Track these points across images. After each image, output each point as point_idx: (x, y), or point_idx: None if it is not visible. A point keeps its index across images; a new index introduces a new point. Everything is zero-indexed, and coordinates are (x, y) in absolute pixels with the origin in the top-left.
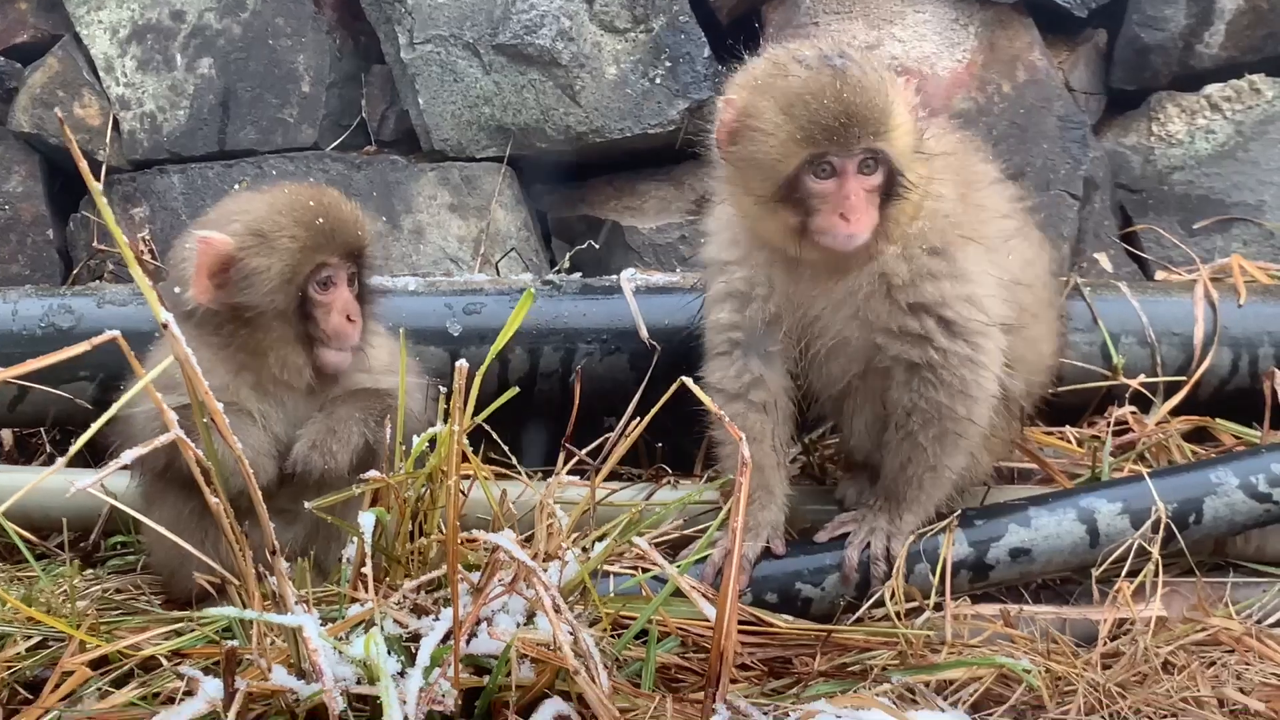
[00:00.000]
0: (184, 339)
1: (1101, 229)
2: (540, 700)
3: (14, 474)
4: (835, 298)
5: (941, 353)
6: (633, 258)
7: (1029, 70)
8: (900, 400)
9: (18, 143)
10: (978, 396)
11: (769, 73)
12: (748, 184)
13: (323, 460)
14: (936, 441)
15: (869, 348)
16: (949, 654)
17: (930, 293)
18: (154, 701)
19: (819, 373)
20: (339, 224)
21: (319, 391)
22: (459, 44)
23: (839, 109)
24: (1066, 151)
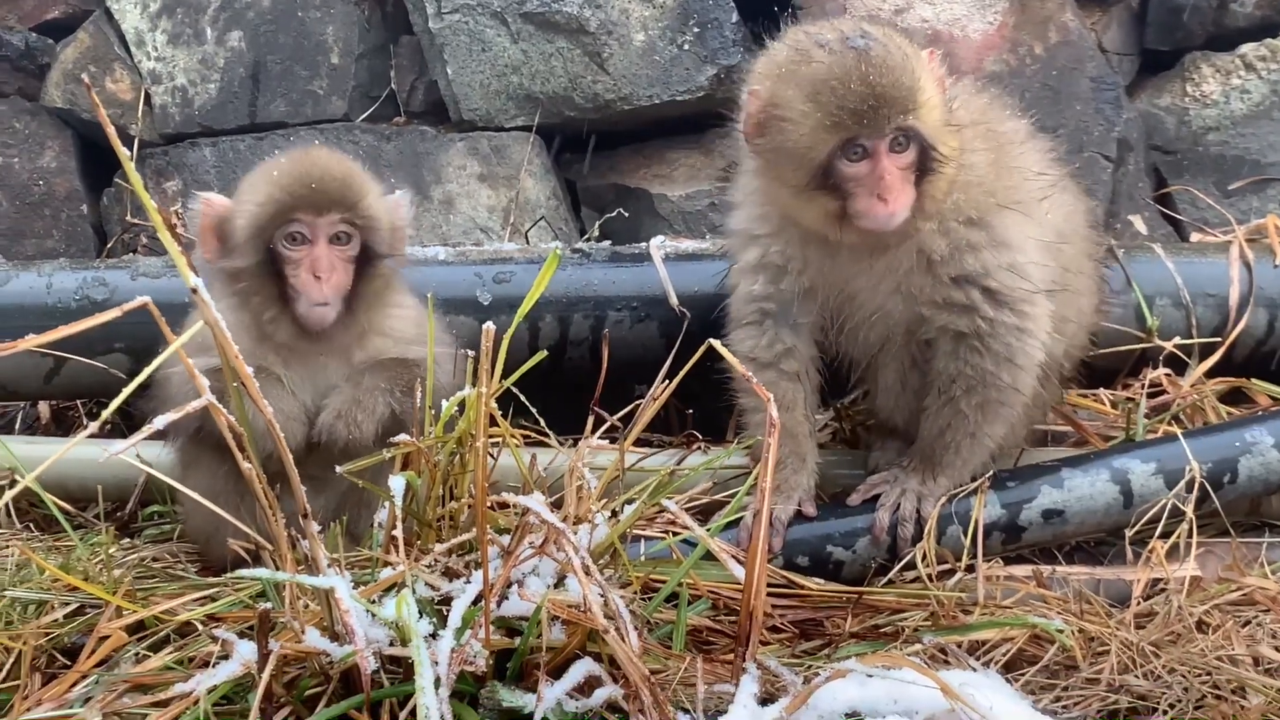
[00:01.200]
0: (214, 305)
1: (1135, 191)
2: (571, 661)
3: (49, 445)
4: (874, 274)
5: (989, 322)
6: (662, 225)
7: (1061, 31)
8: (945, 369)
9: (51, 118)
10: (1024, 365)
11: (790, 60)
12: (780, 174)
13: (347, 430)
14: (979, 409)
15: (911, 319)
16: (981, 614)
17: (972, 264)
18: (190, 665)
19: (854, 343)
20: (312, 182)
21: (339, 358)
22: (487, 13)
23: (866, 91)
24: (1100, 113)
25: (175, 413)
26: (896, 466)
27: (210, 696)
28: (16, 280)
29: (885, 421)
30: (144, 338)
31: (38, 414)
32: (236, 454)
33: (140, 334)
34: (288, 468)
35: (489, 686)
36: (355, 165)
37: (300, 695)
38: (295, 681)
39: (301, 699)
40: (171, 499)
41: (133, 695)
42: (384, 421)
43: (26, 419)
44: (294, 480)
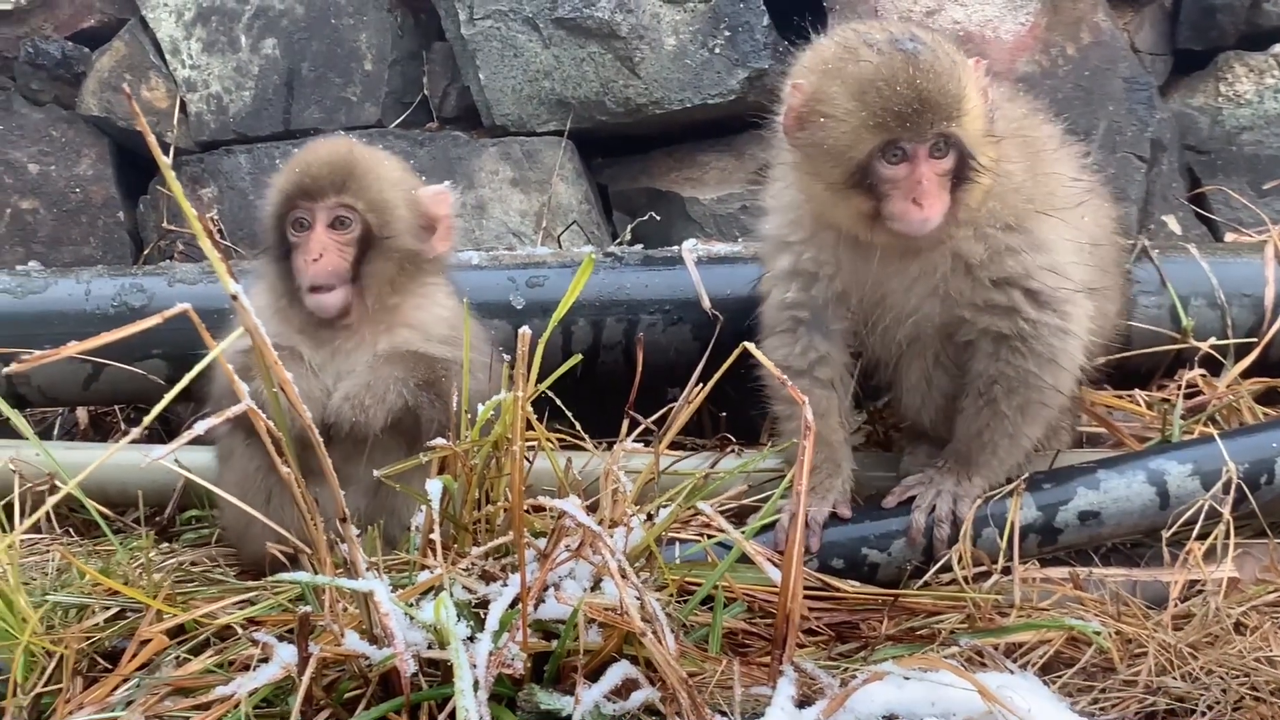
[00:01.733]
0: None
1: (1169, 191)
2: (608, 664)
3: (89, 450)
4: (909, 277)
5: (1031, 323)
6: (694, 228)
7: (1093, 32)
8: (985, 370)
9: (87, 126)
10: (1066, 365)
11: (838, 56)
12: (817, 170)
13: (353, 413)
14: (1020, 410)
15: (948, 321)
16: (1018, 617)
17: (1012, 266)
18: (230, 668)
19: (885, 346)
20: (309, 168)
21: (363, 346)
22: (518, 18)
23: (912, 94)
24: (1133, 113)
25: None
26: (931, 468)
27: (251, 699)
28: (55, 287)
29: (913, 423)
30: (181, 343)
31: (76, 419)
32: (275, 458)
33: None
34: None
35: (526, 689)
36: (365, 152)
37: (339, 698)
38: (334, 684)
39: (341, 702)
40: (209, 503)
41: (174, 698)
42: (395, 412)
43: (65, 424)
44: (333, 484)
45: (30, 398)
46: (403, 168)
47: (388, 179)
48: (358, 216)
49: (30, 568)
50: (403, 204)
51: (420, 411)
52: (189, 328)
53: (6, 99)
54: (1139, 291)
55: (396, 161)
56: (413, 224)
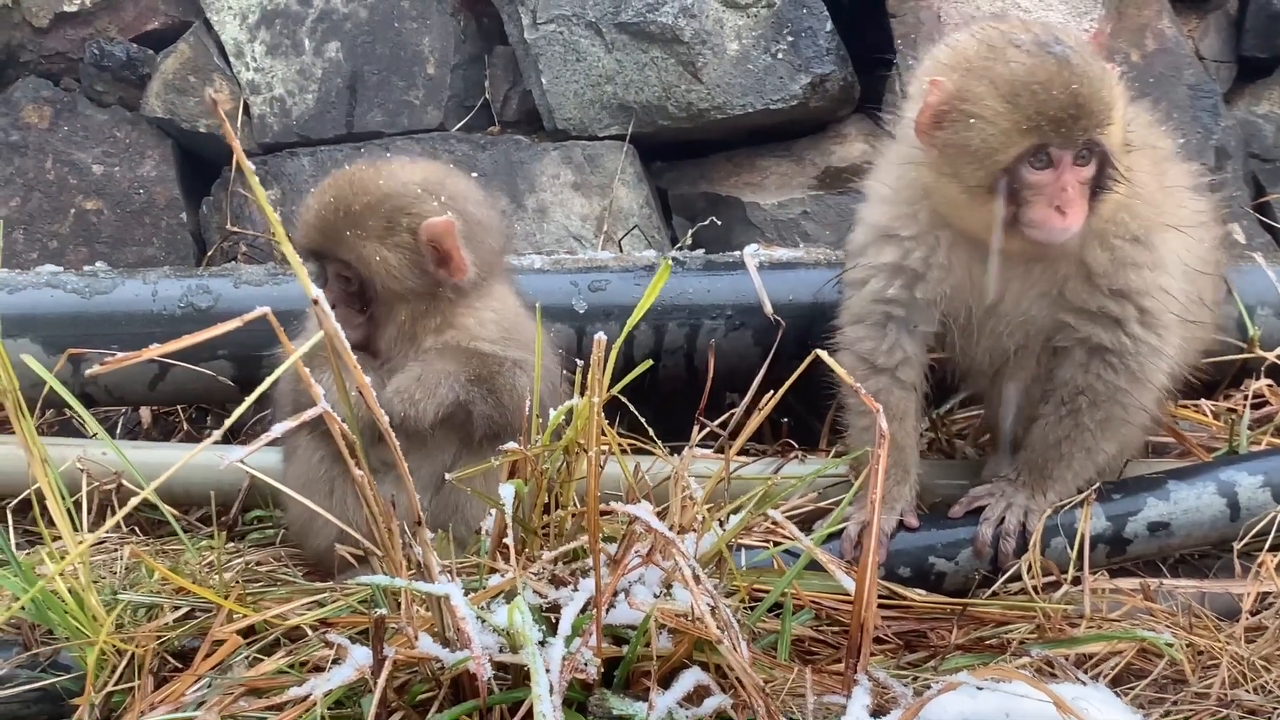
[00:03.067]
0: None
1: (1234, 199)
2: (679, 670)
3: (156, 450)
4: (1029, 281)
5: (1132, 339)
6: (754, 234)
7: (1158, 38)
8: (1073, 379)
9: (151, 128)
10: (1154, 384)
11: (984, 55)
12: (956, 170)
13: (404, 407)
14: (1101, 424)
15: (1051, 326)
16: (1088, 627)
17: (1134, 280)
18: (302, 669)
19: (989, 354)
20: (300, 229)
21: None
22: (581, 23)
23: (1068, 100)
24: (1197, 121)
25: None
26: (1002, 479)
27: (325, 700)
28: (123, 287)
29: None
30: (247, 344)
31: (139, 418)
32: (348, 461)
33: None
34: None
35: (598, 694)
36: (354, 201)
37: (411, 700)
38: (406, 686)
39: (413, 704)
40: (274, 502)
41: (248, 699)
42: (446, 407)
43: (128, 423)
44: (408, 485)
45: (97, 396)
46: (402, 202)
47: (374, 230)
48: (353, 272)
49: (98, 566)
50: (392, 251)
51: (472, 407)
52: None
53: (71, 100)
54: None
55: (395, 194)
56: (413, 264)
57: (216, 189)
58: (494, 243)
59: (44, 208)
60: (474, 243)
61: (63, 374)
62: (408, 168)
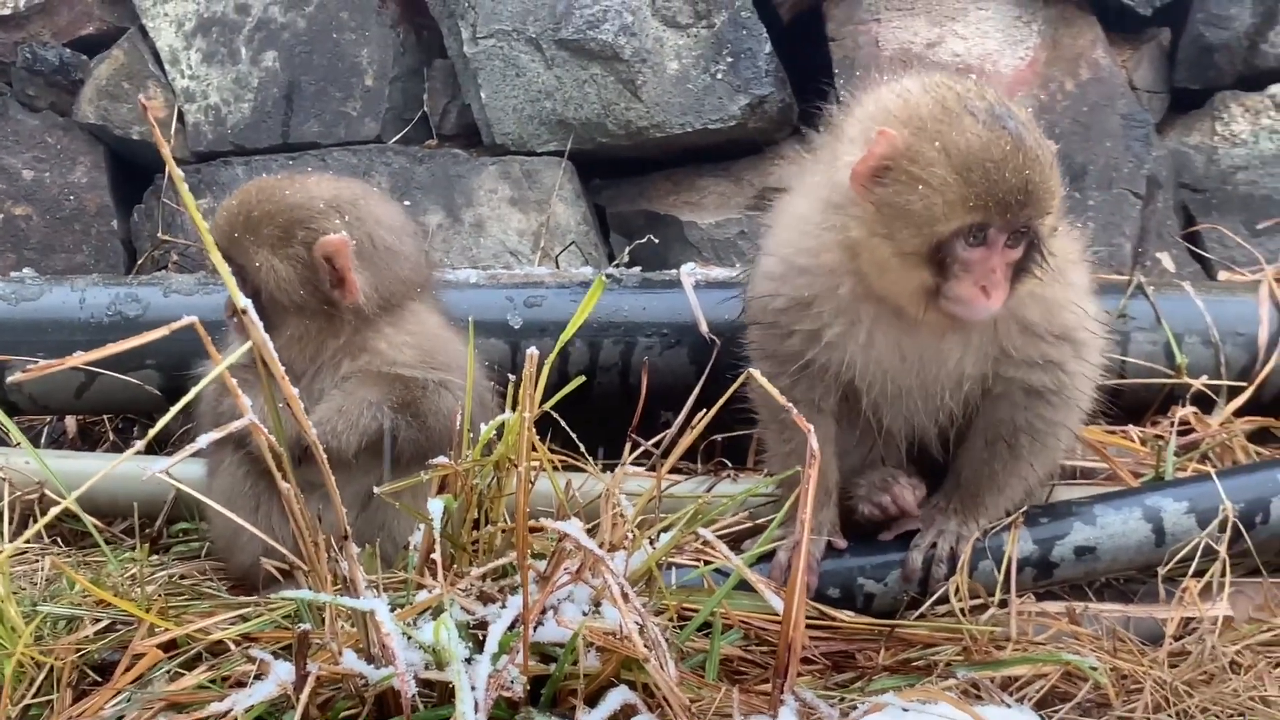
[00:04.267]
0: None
1: (1164, 228)
2: (606, 689)
3: (80, 459)
4: (945, 346)
5: (1069, 375)
6: (691, 253)
7: (1092, 68)
8: (1010, 419)
9: (83, 134)
10: (1087, 409)
11: (937, 117)
12: (891, 232)
13: (325, 438)
14: (1039, 455)
15: (987, 378)
16: (1014, 650)
17: (1069, 319)
18: (224, 684)
19: (900, 402)
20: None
21: (327, 370)
22: (522, 38)
23: (1018, 184)
24: (1129, 150)
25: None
26: (932, 507)
27: (246, 716)
28: (50, 294)
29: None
30: (174, 354)
31: (64, 427)
32: (275, 474)
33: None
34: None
35: (524, 713)
36: (260, 206)
37: (335, 717)
38: (329, 703)
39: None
40: (199, 515)
41: (167, 714)
42: (370, 436)
43: (53, 433)
44: (335, 500)
45: (21, 405)
46: (302, 215)
47: (267, 238)
48: (247, 278)
49: (18, 577)
50: (283, 261)
51: (397, 433)
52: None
53: (2, 104)
54: (1134, 327)
55: (298, 206)
56: (304, 279)
57: (148, 197)
58: (403, 270)
59: None
60: (374, 268)
61: None
62: (322, 184)
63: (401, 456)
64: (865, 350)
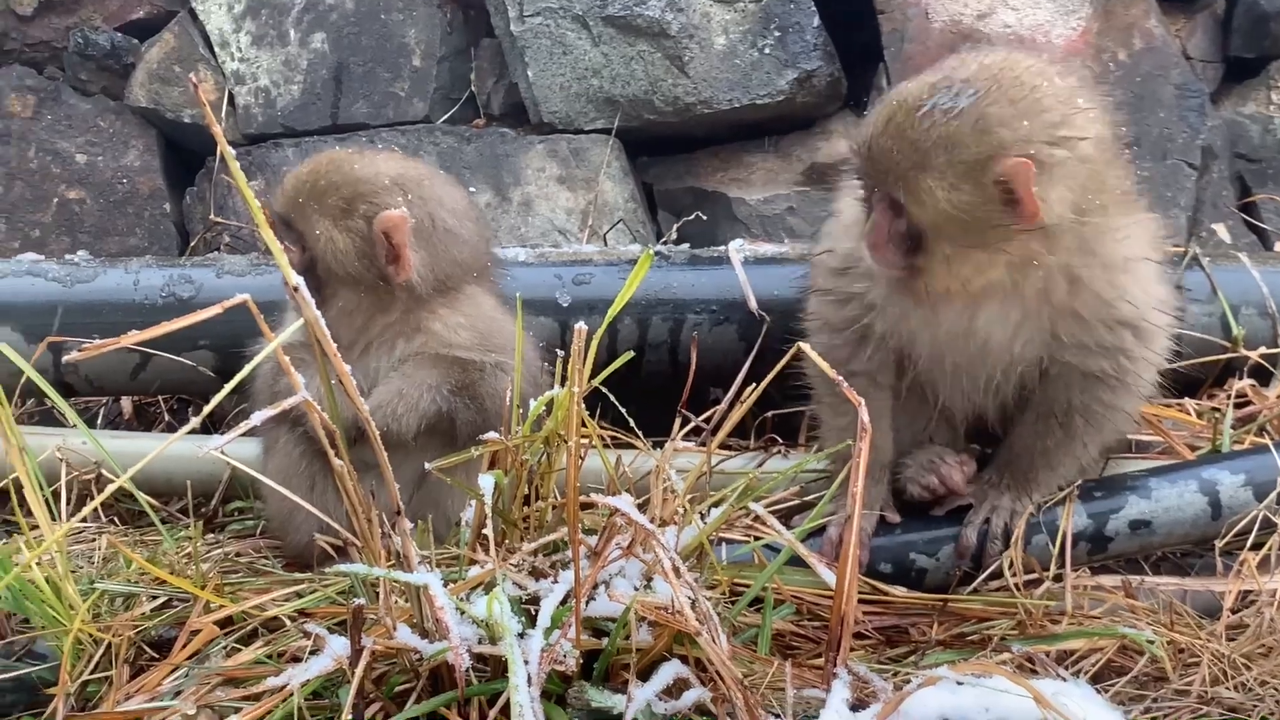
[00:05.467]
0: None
1: (1219, 199)
2: (658, 663)
3: (136, 440)
4: (979, 323)
5: (1131, 359)
6: (739, 229)
7: (1145, 38)
8: (1067, 399)
9: (135, 117)
10: (1145, 393)
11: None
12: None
13: (385, 422)
14: (1093, 435)
15: (1044, 360)
16: (1069, 624)
17: (1126, 310)
18: (279, 660)
19: (954, 378)
20: (278, 191)
21: (384, 350)
22: (568, 16)
23: (875, 146)
24: (1184, 120)
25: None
26: (985, 482)
27: (302, 691)
28: (105, 276)
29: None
30: (227, 334)
31: (120, 408)
32: (328, 451)
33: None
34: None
35: (576, 686)
36: (324, 176)
37: (389, 691)
38: (383, 678)
39: (390, 695)
40: (254, 494)
41: (224, 688)
42: (429, 419)
43: (109, 414)
44: (387, 476)
45: (77, 386)
46: (366, 189)
47: (330, 208)
48: (305, 246)
49: (76, 555)
50: (342, 233)
51: (455, 415)
52: (235, 319)
53: (55, 89)
54: (1190, 299)
55: (363, 180)
56: (361, 253)
57: (200, 179)
58: (461, 254)
59: (26, 197)
60: (431, 248)
61: (42, 363)
62: (391, 161)
63: (459, 438)
64: (909, 318)
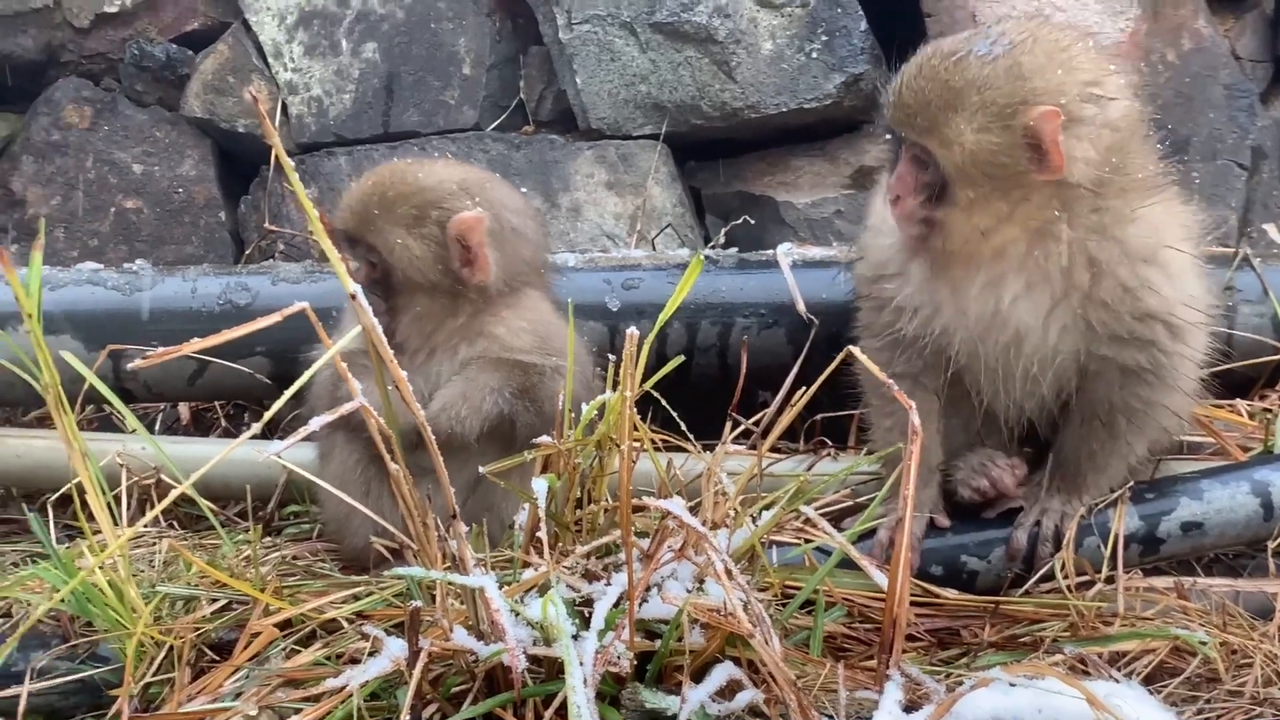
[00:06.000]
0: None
1: (1270, 199)
2: (710, 665)
3: (195, 445)
4: (1005, 305)
5: (1166, 354)
6: (787, 233)
7: (1194, 38)
8: (1107, 398)
9: (190, 128)
10: (1187, 389)
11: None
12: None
13: (450, 425)
14: (1137, 434)
15: (1080, 353)
16: (1121, 626)
17: (1154, 303)
18: (338, 661)
19: (997, 376)
20: (343, 205)
21: (435, 351)
22: (616, 23)
23: (903, 92)
24: (1233, 121)
25: (329, 415)
26: (1035, 485)
27: (362, 692)
28: (163, 285)
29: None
30: (283, 340)
31: (178, 414)
32: (384, 455)
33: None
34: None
35: (630, 688)
36: (393, 186)
37: (446, 693)
38: (440, 679)
39: (447, 696)
40: (310, 498)
41: (285, 690)
42: (491, 421)
43: (166, 420)
44: (443, 480)
45: (136, 393)
46: (435, 196)
47: (403, 217)
48: (378, 258)
49: (137, 559)
50: (418, 240)
51: (516, 418)
52: (291, 325)
53: (112, 100)
54: (1241, 300)
55: (432, 188)
56: (436, 258)
57: (255, 188)
58: (526, 253)
59: (85, 206)
60: (503, 248)
61: (103, 370)
62: (452, 167)
63: (518, 441)
64: (940, 313)
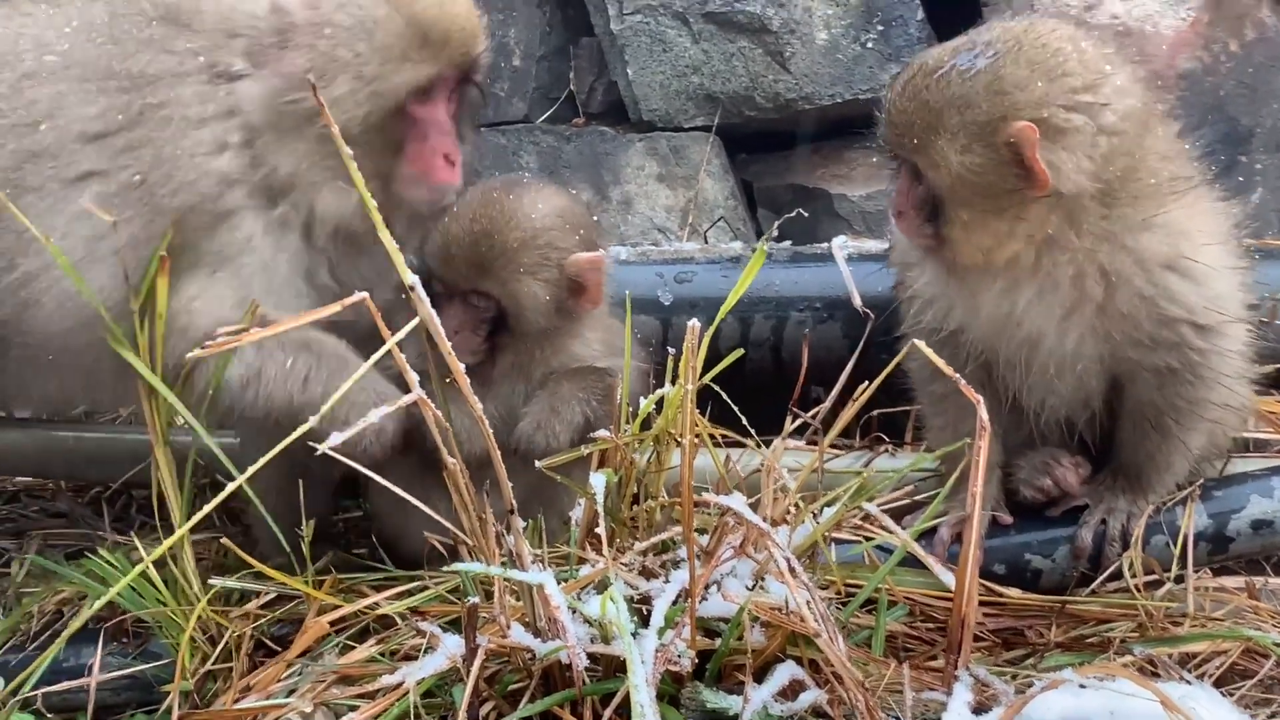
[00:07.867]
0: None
1: None
2: (771, 664)
3: None
4: (1021, 310)
5: (1198, 352)
6: (841, 226)
7: (1257, 28)
8: (1151, 400)
9: None
10: (1230, 380)
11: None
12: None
13: (545, 440)
14: (1187, 432)
15: (1108, 359)
16: (1192, 626)
17: (1174, 310)
18: (393, 658)
19: (1030, 382)
20: (448, 249)
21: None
22: (668, 13)
23: (895, 109)
24: None
25: (388, 406)
26: (1099, 484)
27: (418, 689)
28: None
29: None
30: None
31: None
32: (442, 450)
33: None
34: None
35: (690, 687)
36: (513, 229)
37: (502, 690)
38: (496, 676)
39: (504, 694)
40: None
41: (339, 686)
42: (578, 430)
43: None
44: (502, 477)
45: None
46: (551, 237)
47: (529, 265)
48: (493, 302)
49: None
50: (542, 286)
51: (597, 423)
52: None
53: None
54: None
55: (546, 229)
56: (555, 298)
57: None
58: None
59: None
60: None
61: None
62: (548, 198)
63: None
64: (955, 308)
